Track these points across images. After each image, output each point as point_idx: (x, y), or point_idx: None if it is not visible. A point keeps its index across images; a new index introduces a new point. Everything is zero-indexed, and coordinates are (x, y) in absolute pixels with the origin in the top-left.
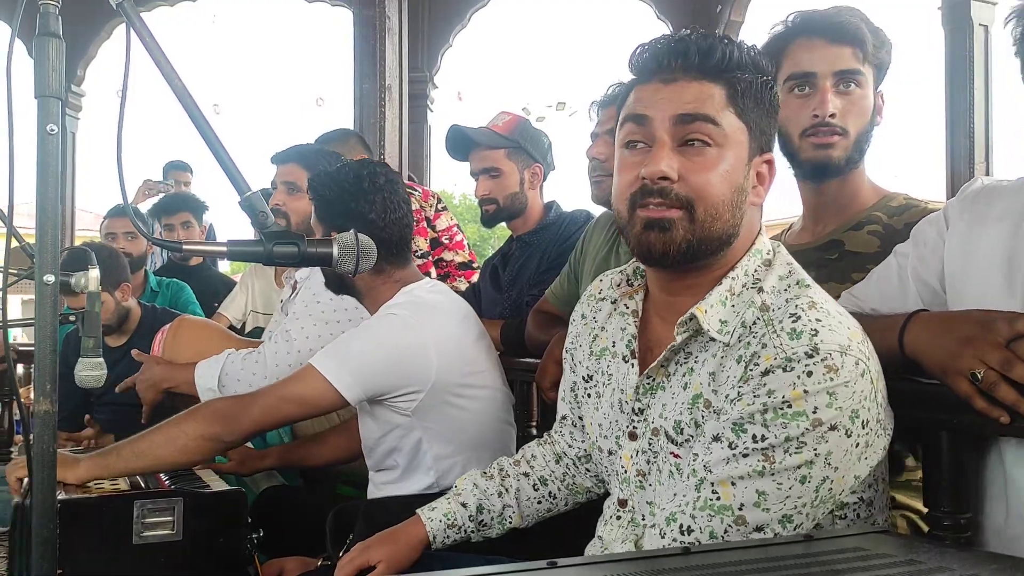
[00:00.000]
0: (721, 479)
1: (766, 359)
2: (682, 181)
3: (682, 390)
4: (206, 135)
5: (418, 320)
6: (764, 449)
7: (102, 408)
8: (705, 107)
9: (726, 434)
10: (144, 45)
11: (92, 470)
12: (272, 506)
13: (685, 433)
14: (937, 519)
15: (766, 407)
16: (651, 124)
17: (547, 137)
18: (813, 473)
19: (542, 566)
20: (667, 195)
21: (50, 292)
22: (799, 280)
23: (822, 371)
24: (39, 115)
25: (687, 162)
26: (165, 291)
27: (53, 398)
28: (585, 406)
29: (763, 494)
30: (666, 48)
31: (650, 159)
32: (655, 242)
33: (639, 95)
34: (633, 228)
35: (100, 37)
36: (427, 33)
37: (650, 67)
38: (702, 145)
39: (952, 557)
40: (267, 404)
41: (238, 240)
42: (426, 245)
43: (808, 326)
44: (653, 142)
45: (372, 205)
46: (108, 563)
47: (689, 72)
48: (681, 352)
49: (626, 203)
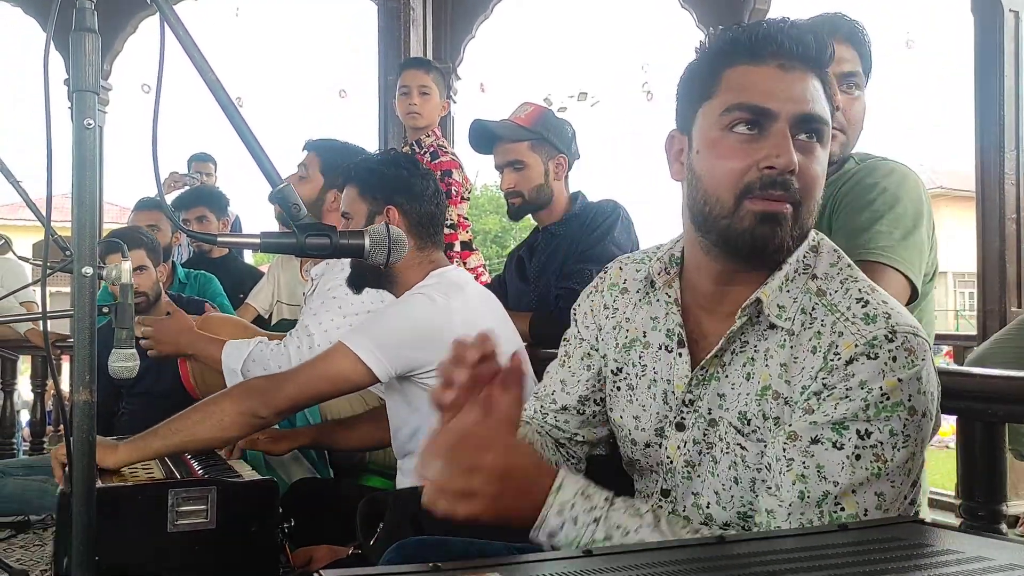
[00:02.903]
0: (843, 491)
1: (846, 347)
2: (802, 175)
3: (745, 380)
4: (239, 128)
5: (445, 297)
6: (873, 447)
7: (132, 399)
8: (821, 107)
9: (825, 434)
10: (177, 38)
11: (131, 453)
12: (304, 496)
13: (752, 424)
14: (971, 509)
15: (867, 403)
16: (774, 118)
17: (570, 126)
18: (915, 465)
19: (578, 554)
20: (788, 188)
21: (88, 284)
22: (848, 263)
23: (904, 355)
24: (76, 109)
25: (802, 157)
26: (193, 283)
27: (92, 388)
28: (615, 399)
29: (881, 495)
30: (784, 34)
31: (773, 147)
32: (769, 236)
33: (753, 78)
34: (740, 220)
35: (126, 32)
36: (450, 24)
37: (766, 49)
38: (815, 141)
39: (991, 546)
40: (301, 381)
41: (271, 232)
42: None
43: (880, 309)
44: (768, 128)
45: (422, 180)
46: (143, 550)
47: (804, 64)
48: (737, 341)
49: (733, 191)
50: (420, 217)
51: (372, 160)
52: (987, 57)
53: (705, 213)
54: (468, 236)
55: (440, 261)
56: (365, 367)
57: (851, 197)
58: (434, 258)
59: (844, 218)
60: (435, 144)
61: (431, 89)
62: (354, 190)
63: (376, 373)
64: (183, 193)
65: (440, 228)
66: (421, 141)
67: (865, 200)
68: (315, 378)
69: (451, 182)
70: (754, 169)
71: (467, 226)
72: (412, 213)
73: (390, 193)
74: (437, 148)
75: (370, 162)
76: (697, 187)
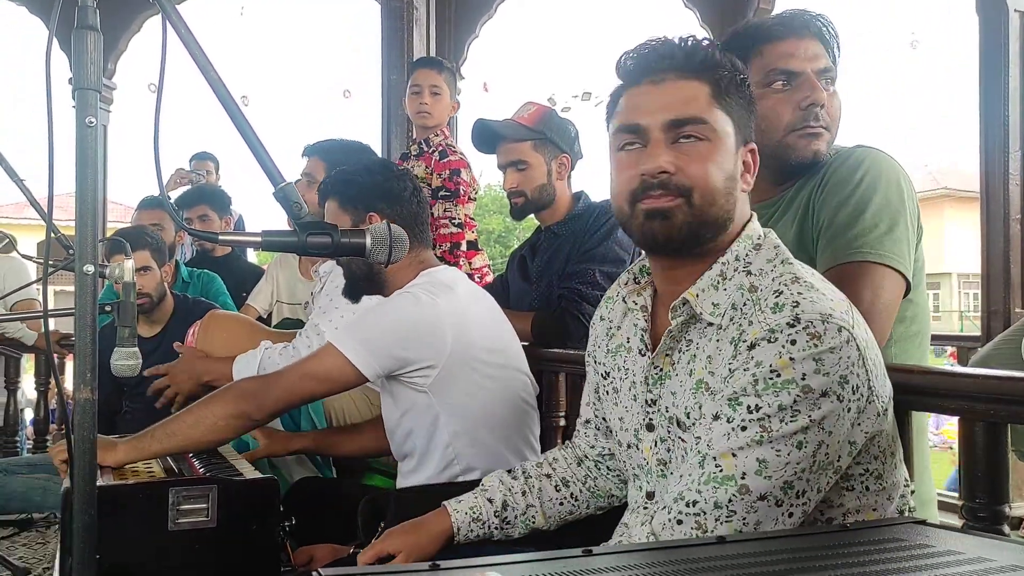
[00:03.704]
0: (722, 452)
1: (752, 334)
2: (679, 172)
3: (688, 377)
4: (241, 126)
5: (432, 296)
6: (760, 419)
7: (135, 398)
8: (693, 108)
9: (723, 410)
10: (179, 37)
11: (130, 453)
12: (305, 495)
13: (691, 418)
14: (973, 510)
15: (756, 378)
16: (645, 131)
17: (573, 126)
18: (808, 438)
19: (577, 554)
20: (667, 186)
21: (90, 282)
22: (784, 259)
23: (805, 338)
24: (78, 107)
25: (682, 155)
26: (196, 282)
27: (93, 386)
28: (606, 403)
29: (763, 462)
30: (652, 51)
31: (646, 156)
32: (658, 229)
33: (631, 100)
34: (635, 220)
35: (130, 31)
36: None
37: (638, 70)
38: (695, 140)
39: (992, 547)
40: (290, 381)
41: (272, 230)
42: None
43: (789, 299)
44: (648, 142)
45: (398, 182)
46: (144, 549)
47: (676, 71)
48: (683, 340)
49: (627, 199)
50: (403, 219)
51: (347, 171)
52: (992, 57)
53: (621, 223)
54: (474, 236)
55: (429, 261)
56: (352, 366)
57: (828, 194)
58: (423, 258)
59: (825, 216)
60: (444, 143)
61: (442, 89)
62: (334, 203)
63: (363, 372)
64: (185, 192)
65: (426, 227)
66: (430, 140)
67: (844, 195)
68: (304, 378)
69: (459, 181)
70: (636, 177)
71: (473, 226)
72: (394, 216)
73: (369, 200)
74: (446, 147)
75: (345, 173)
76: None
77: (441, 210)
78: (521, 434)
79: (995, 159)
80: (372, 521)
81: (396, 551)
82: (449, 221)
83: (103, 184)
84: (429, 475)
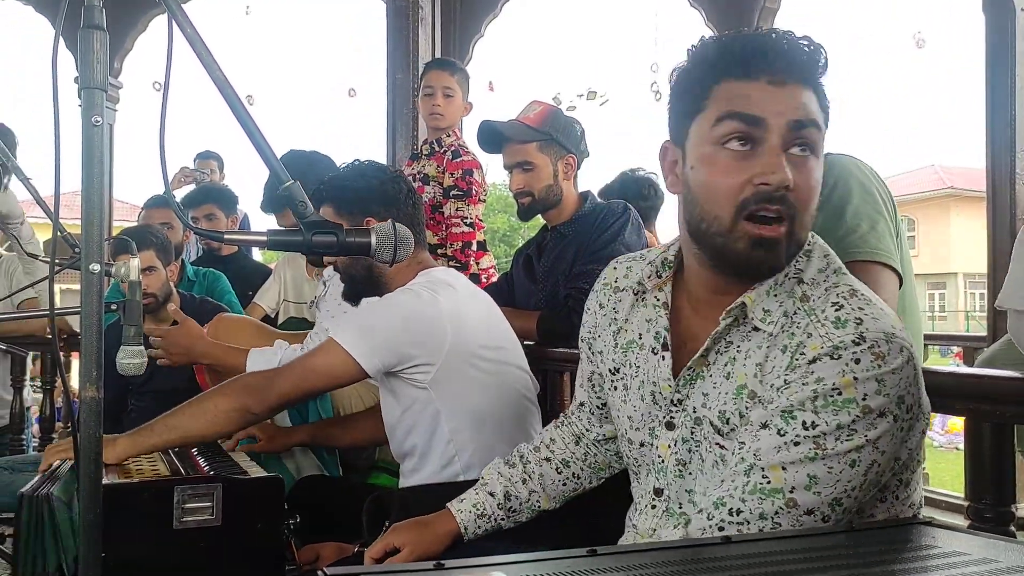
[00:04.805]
0: (772, 464)
1: (812, 348)
2: (796, 190)
3: (725, 379)
4: (247, 126)
5: (432, 293)
6: (815, 437)
7: (141, 396)
8: (812, 113)
9: (775, 421)
10: (185, 36)
11: (129, 448)
12: (310, 493)
13: (731, 423)
14: (979, 511)
15: (816, 394)
16: (765, 126)
17: (579, 125)
18: (862, 457)
19: (582, 554)
20: (784, 202)
21: (96, 280)
22: (836, 268)
23: (870, 358)
24: (84, 106)
25: (795, 170)
26: (202, 281)
27: (99, 385)
28: (612, 398)
29: (814, 478)
30: (773, 47)
31: (767, 164)
32: (763, 261)
33: (745, 91)
34: (737, 242)
35: (136, 30)
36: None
37: (755, 64)
38: (808, 153)
39: (997, 548)
40: (292, 377)
41: (278, 229)
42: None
43: (852, 314)
44: (761, 144)
45: (393, 184)
46: (149, 547)
47: (796, 76)
48: (722, 341)
49: (731, 209)
50: (400, 220)
51: (340, 177)
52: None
53: (702, 229)
54: (482, 237)
55: (427, 261)
56: (354, 362)
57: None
58: (421, 258)
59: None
60: (456, 144)
61: (455, 91)
62: (330, 209)
63: (364, 368)
64: (192, 191)
65: (422, 228)
66: (442, 140)
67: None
68: (306, 374)
69: (472, 181)
70: (749, 185)
71: (482, 227)
72: (391, 218)
73: (365, 204)
74: (458, 147)
75: (339, 179)
76: (693, 202)
77: (453, 209)
78: (522, 431)
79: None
80: (377, 520)
81: (402, 546)
82: (461, 220)
83: (109, 183)
84: (431, 472)
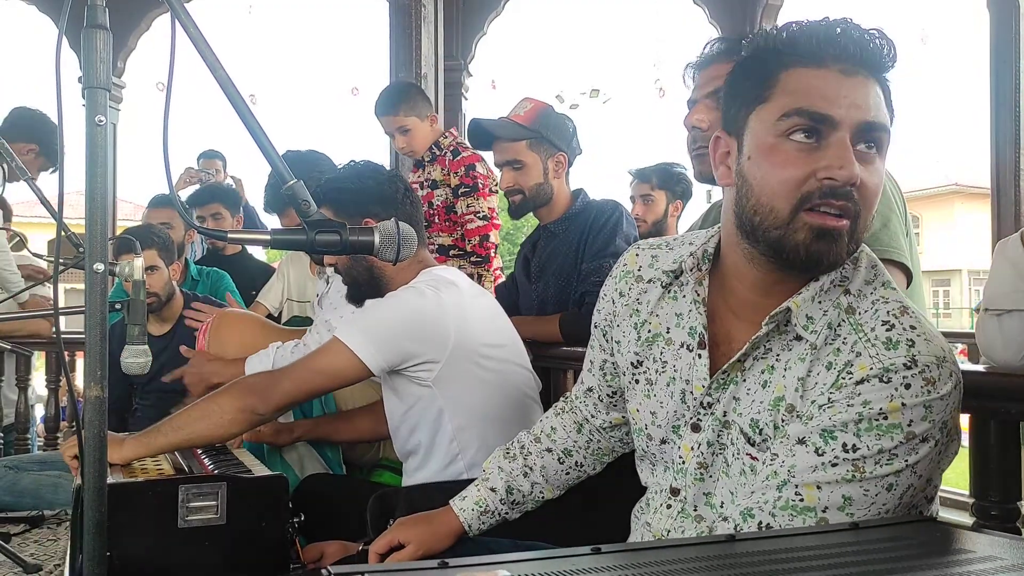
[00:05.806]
0: (807, 482)
1: (861, 368)
2: (862, 187)
3: (761, 388)
4: (250, 125)
5: (435, 291)
6: (855, 460)
7: (146, 395)
8: (883, 114)
9: (813, 439)
10: (188, 35)
11: (136, 449)
12: (315, 492)
13: (763, 433)
14: (984, 508)
15: (860, 417)
16: (836, 125)
17: (571, 122)
18: (900, 481)
19: (587, 552)
20: (849, 198)
21: (99, 280)
22: (884, 282)
23: (920, 384)
24: (87, 106)
25: (862, 168)
26: (205, 280)
27: (103, 384)
28: (632, 391)
29: (848, 499)
30: (846, 33)
31: (835, 157)
32: (825, 253)
33: (813, 83)
34: (796, 234)
35: (140, 29)
36: (461, 21)
37: (828, 51)
38: (875, 152)
39: (1003, 546)
40: (297, 377)
41: (281, 228)
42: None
43: (904, 335)
44: (828, 137)
45: (390, 184)
46: (154, 546)
47: (866, 69)
48: (761, 347)
49: (791, 202)
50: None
51: (337, 179)
52: (1003, 52)
53: (755, 222)
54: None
55: (428, 261)
56: (359, 360)
57: None
58: (421, 257)
59: None
60: (455, 143)
61: (409, 123)
62: (328, 212)
63: (369, 366)
64: (198, 190)
65: (422, 227)
66: (440, 143)
67: None
68: (311, 373)
69: (476, 175)
70: (813, 179)
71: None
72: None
73: (363, 206)
74: (457, 146)
75: (336, 181)
76: (748, 194)
77: (465, 206)
78: (525, 428)
79: (1006, 154)
80: (381, 518)
81: (407, 541)
82: (475, 215)
83: (113, 182)
84: (434, 470)
